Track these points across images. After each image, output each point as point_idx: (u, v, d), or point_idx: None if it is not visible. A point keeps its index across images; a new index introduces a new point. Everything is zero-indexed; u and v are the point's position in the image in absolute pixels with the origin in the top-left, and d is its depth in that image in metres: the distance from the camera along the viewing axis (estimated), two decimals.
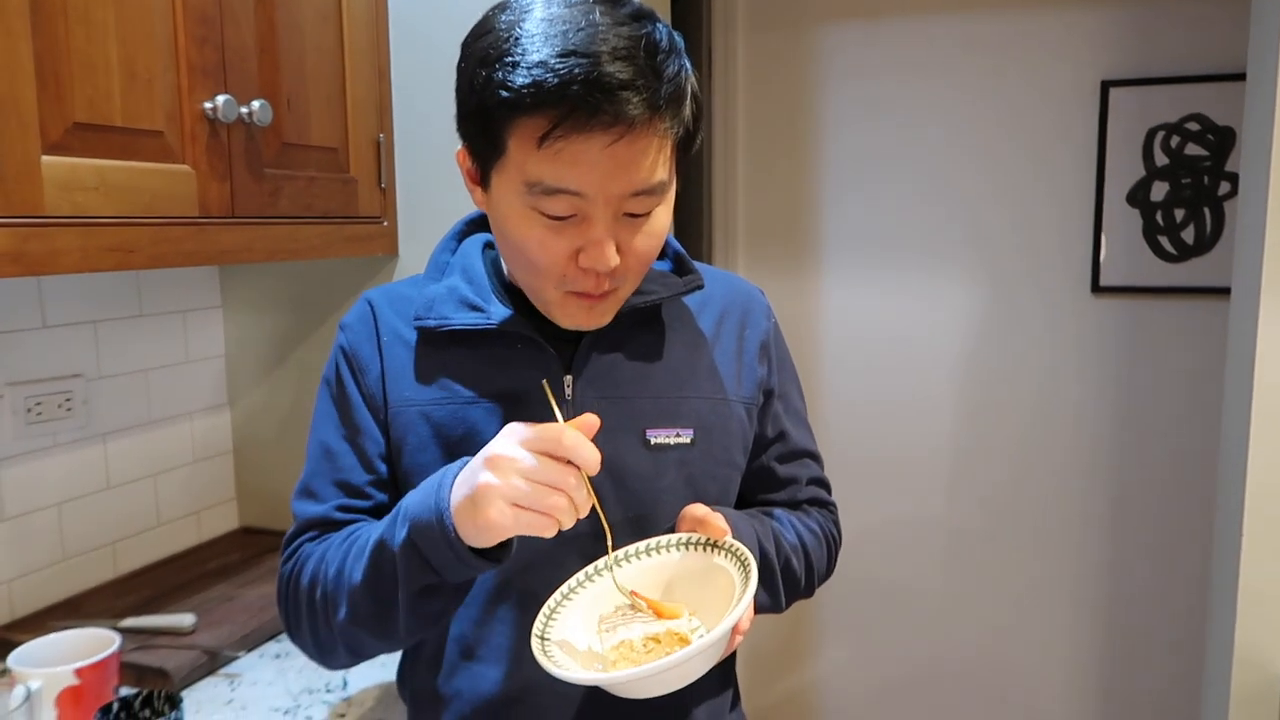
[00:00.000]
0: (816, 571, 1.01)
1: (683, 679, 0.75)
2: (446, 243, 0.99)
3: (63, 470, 1.46)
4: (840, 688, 2.53)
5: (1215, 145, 2.08)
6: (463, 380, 0.91)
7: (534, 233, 0.80)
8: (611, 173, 0.76)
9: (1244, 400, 1.46)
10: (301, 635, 0.91)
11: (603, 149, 0.75)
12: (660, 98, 0.75)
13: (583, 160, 0.75)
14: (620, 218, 0.80)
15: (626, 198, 0.79)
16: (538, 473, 0.72)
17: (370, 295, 0.98)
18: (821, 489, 1.07)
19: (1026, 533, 2.32)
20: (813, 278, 2.42)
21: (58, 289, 1.43)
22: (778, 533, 0.96)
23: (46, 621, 1.34)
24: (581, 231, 0.79)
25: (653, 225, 0.83)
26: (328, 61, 1.40)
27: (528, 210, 0.80)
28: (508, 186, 0.80)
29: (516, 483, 0.72)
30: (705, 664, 0.77)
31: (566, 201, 0.78)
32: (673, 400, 0.93)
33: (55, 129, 0.99)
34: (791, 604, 0.99)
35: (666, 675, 0.73)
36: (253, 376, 1.75)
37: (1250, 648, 1.47)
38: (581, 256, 0.80)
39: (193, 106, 1.15)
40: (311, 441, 0.96)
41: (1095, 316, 2.22)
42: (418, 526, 0.77)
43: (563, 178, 0.76)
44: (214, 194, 1.19)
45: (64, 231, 1.01)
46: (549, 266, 0.81)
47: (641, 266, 0.85)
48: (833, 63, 2.34)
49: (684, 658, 0.72)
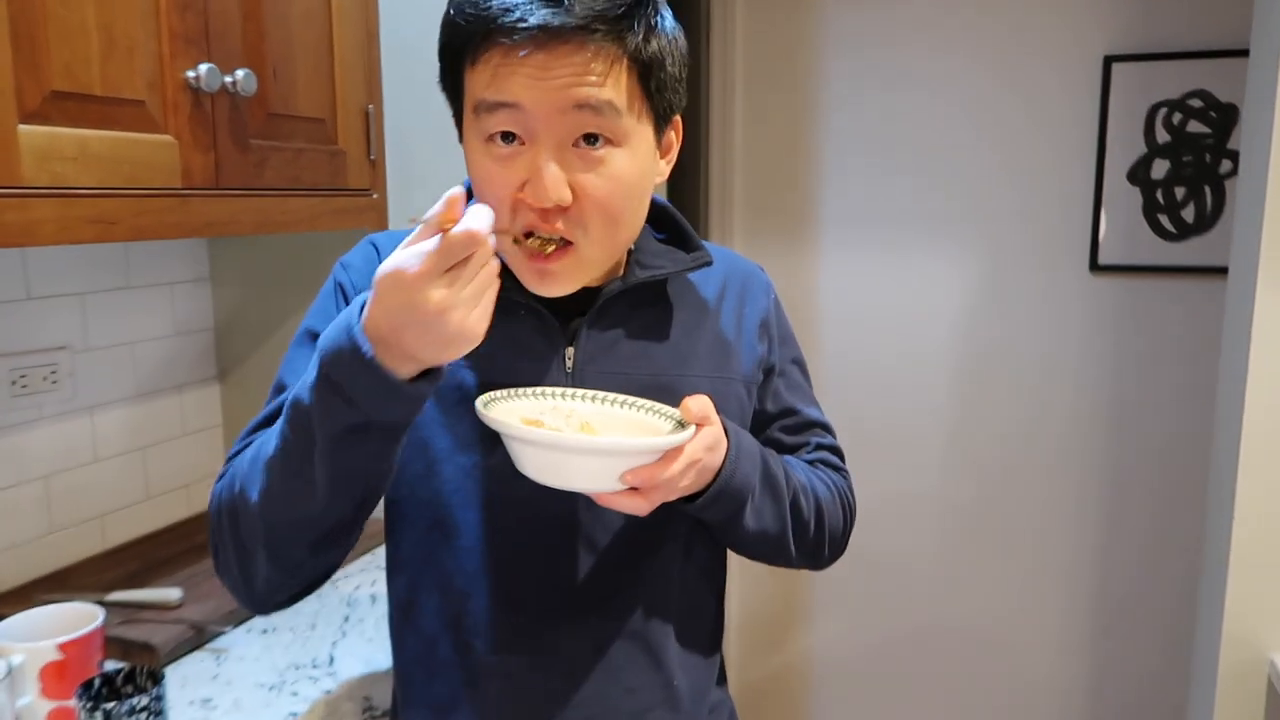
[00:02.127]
0: (828, 524, 0.97)
1: (555, 473, 0.76)
2: None
3: (49, 443, 1.45)
4: (833, 660, 2.54)
5: (1218, 123, 2.05)
6: None
7: (485, 166, 0.80)
8: (544, 83, 0.76)
9: (1238, 379, 1.46)
10: (225, 554, 0.84)
11: (533, 53, 0.75)
12: (593, 9, 0.75)
13: (514, 68, 0.76)
14: (570, 149, 0.79)
15: (568, 111, 0.77)
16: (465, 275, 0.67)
17: (375, 238, 0.96)
18: (834, 455, 1.05)
19: (1021, 508, 2.32)
20: (810, 254, 2.40)
21: (42, 260, 1.42)
22: (788, 466, 0.94)
23: (33, 595, 1.33)
24: (528, 160, 0.78)
25: (610, 168, 0.80)
26: (315, 30, 1.38)
27: (481, 145, 0.80)
28: (468, 128, 0.82)
29: (461, 299, 0.67)
30: (581, 473, 0.76)
31: (507, 115, 0.78)
32: (672, 378, 0.92)
33: (32, 97, 0.96)
34: (803, 555, 0.96)
35: (536, 451, 0.76)
36: (242, 349, 1.74)
37: (1239, 625, 1.48)
38: (526, 189, 0.78)
39: (175, 75, 1.12)
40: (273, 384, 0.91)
41: (1093, 295, 2.20)
42: (329, 357, 0.70)
43: (499, 90, 0.77)
44: (197, 165, 1.17)
45: (42, 202, 0.99)
46: (500, 202, 0.79)
47: (600, 217, 0.80)
48: (832, 37, 2.31)
49: (587, 445, 0.75)
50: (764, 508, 0.89)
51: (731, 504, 0.85)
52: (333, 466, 0.73)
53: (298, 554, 0.81)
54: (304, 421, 0.72)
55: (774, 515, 0.90)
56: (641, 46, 0.79)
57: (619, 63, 0.78)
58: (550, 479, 0.77)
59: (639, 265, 0.91)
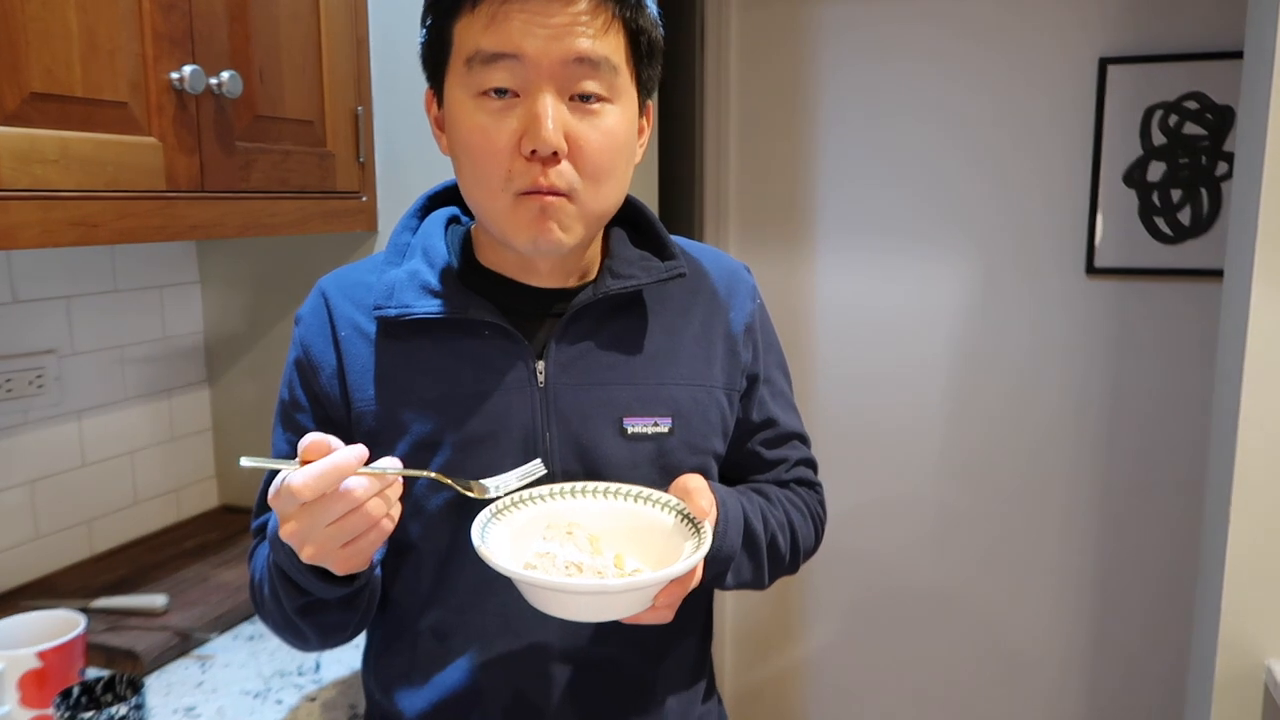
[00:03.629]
0: (802, 549, 1.00)
1: (595, 612, 0.74)
2: (407, 221, 0.94)
3: (35, 448, 1.44)
4: (827, 666, 2.52)
5: (1214, 125, 2.04)
6: (429, 374, 0.86)
7: (478, 122, 0.79)
8: (547, 33, 0.76)
9: (1234, 382, 1.44)
10: (271, 628, 0.92)
11: (539, 7, 0.76)
12: None
13: (516, 17, 0.76)
14: (565, 101, 0.79)
15: (568, 65, 0.78)
16: (320, 516, 0.70)
17: (324, 284, 0.93)
18: (809, 469, 1.05)
19: (1017, 513, 2.31)
20: (805, 258, 2.39)
21: (28, 264, 1.40)
22: (765, 510, 0.94)
23: (18, 601, 1.32)
24: (524, 110, 0.78)
25: (604, 121, 0.80)
26: (303, 31, 1.37)
27: (473, 100, 0.80)
28: (455, 82, 0.81)
29: (314, 535, 0.71)
30: (621, 608, 0.75)
31: (506, 70, 0.77)
32: (650, 387, 0.89)
33: (11, 99, 0.95)
34: (775, 580, 0.97)
35: (580, 599, 0.73)
36: (232, 353, 1.73)
37: (1236, 631, 1.46)
38: (524, 140, 0.78)
39: (159, 77, 1.11)
40: None
41: (1090, 298, 2.19)
42: (276, 547, 0.78)
43: (499, 40, 0.77)
44: (182, 167, 1.16)
45: (22, 205, 0.98)
46: (493, 158, 0.79)
47: (595, 169, 0.80)
48: (827, 40, 2.30)
49: (601, 587, 0.72)
50: (743, 564, 0.90)
51: (715, 570, 0.87)
52: (308, 622, 0.84)
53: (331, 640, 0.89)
54: (274, 593, 0.83)
55: (752, 568, 0.92)
56: (634, 12, 0.81)
57: (614, 22, 0.79)
58: (587, 617, 0.75)
59: (610, 274, 0.89)
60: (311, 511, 0.69)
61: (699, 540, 0.78)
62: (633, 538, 0.82)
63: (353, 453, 0.70)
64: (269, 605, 0.86)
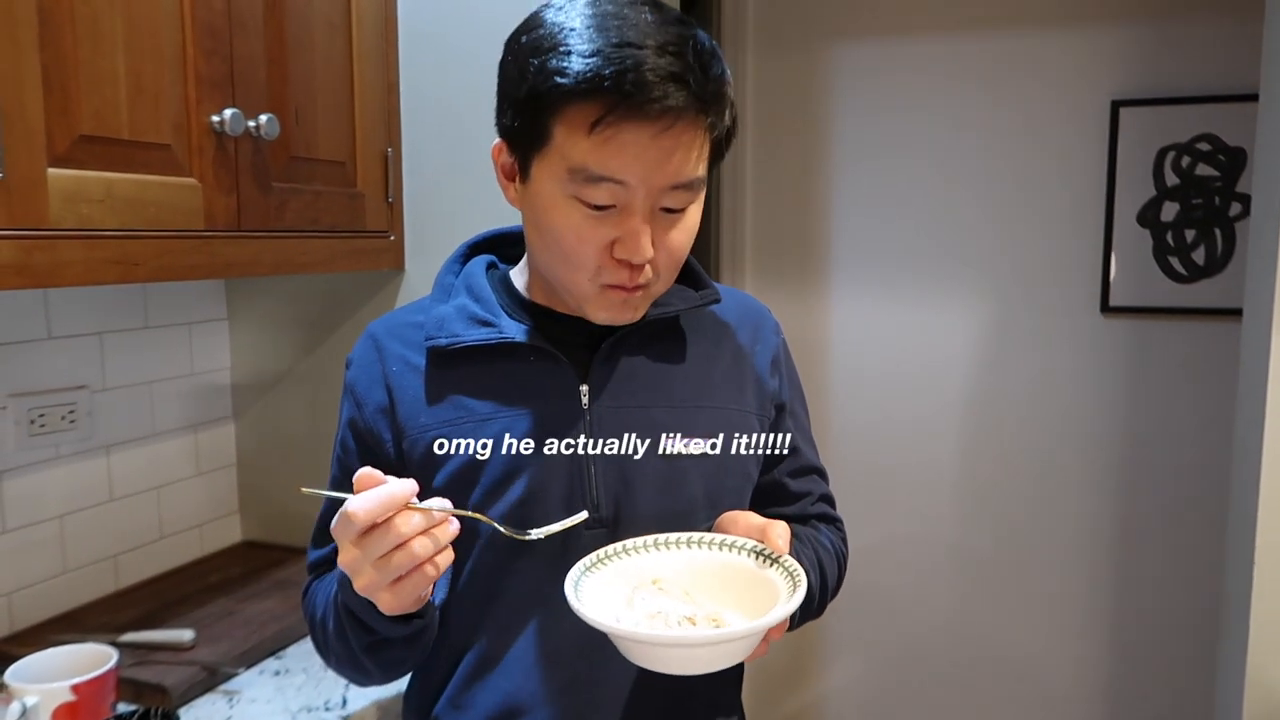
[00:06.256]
0: (829, 588, 1.01)
1: (707, 664, 0.74)
2: (450, 265, 0.99)
3: (65, 482, 1.45)
4: (846, 704, 2.50)
5: (1226, 166, 2.06)
6: (478, 397, 0.90)
7: (572, 221, 0.81)
8: (656, 163, 0.78)
9: (1257, 423, 1.45)
10: (331, 666, 0.95)
11: (651, 138, 0.77)
12: (706, 93, 0.78)
13: (630, 148, 0.77)
14: (657, 212, 0.81)
15: (666, 190, 0.80)
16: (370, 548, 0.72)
17: (373, 328, 0.98)
18: (830, 505, 1.07)
19: (1035, 552, 2.30)
20: (821, 296, 2.41)
21: (63, 300, 1.43)
22: (809, 560, 0.95)
23: (46, 635, 1.33)
24: (619, 222, 0.80)
25: (686, 221, 0.84)
26: (337, 74, 1.40)
27: (568, 199, 0.81)
28: (549, 175, 0.81)
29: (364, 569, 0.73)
30: (729, 656, 0.75)
31: (609, 190, 0.79)
32: (690, 410, 0.93)
33: (62, 141, 0.98)
34: (804, 624, 0.98)
35: (694, 651, 0.73)
36: (258, 390, 1.75)
37: (1262, 670, 1.45)
38: (617, 247, 0.81)
39: (200, 119, 1.15)
40: None
41: (1105, 337, 2.20)
42: (344, 587, 0.80)
43: (608, 165, 0.78)
44: (220, 207, 1.19)
45: (68, 244, 1.00)
46: (585, 257, 0.82)
47: (673, 263, 0.86)
48: (842, 84, 2.34)
49: (717, 637, 0.73)
50: None
51: None
52: (373, 660, 0.86)
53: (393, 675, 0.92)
54: (340, 630, 0.85)
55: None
56: (727, 121, 0.83)
57: (708, 140, 0.81)
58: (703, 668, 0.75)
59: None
60: (364, 543, 0.71)
61: (787, 574, 0.79)
62: (717, 584, 0.84)
63: (404, 486, 0.72)
64: (333, 642, 0.89)
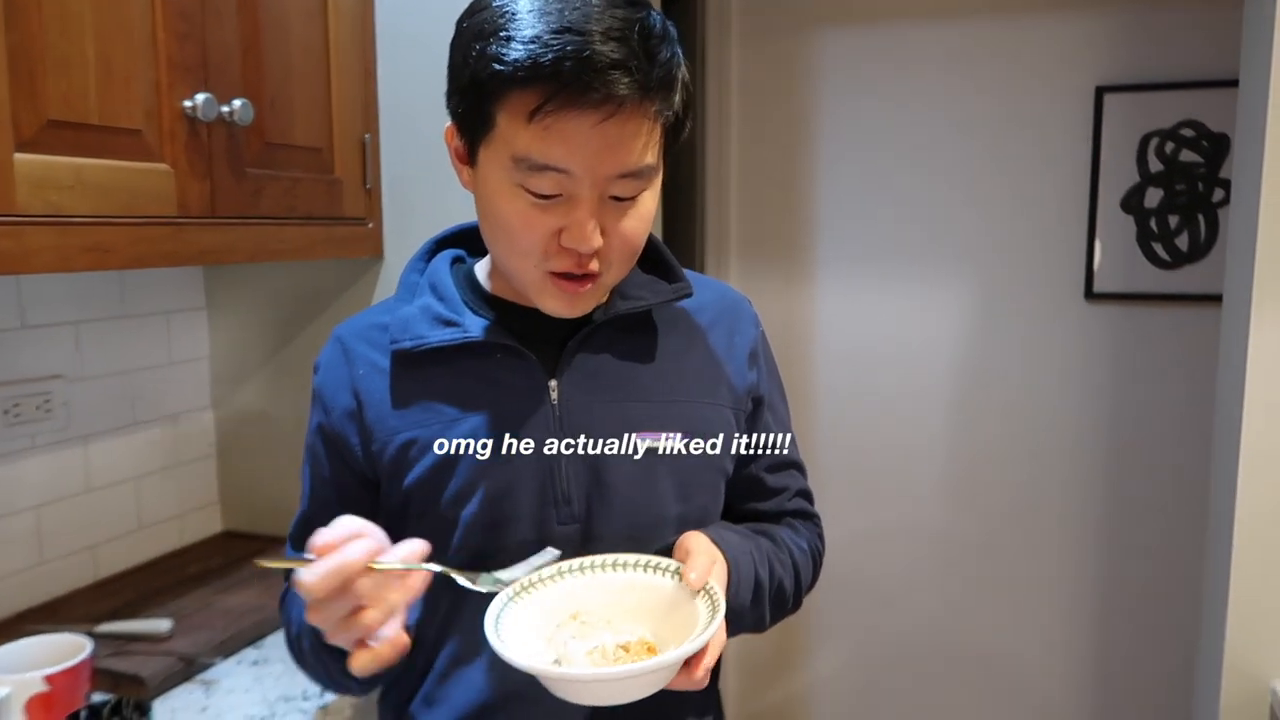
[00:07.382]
0: (803, 585, 1.01)
1: (624, 694, 0.74)
2: (414, 263, 0.98)
3: (41, 472, 1.44)
4: (832, 693, 2.51)
5: (1210, 152, 2.07)
6: (446, 398, 0.89)
7: (518, 208, 0.79)
8: (599, 152, 0.76)
9: (1235, 408, 1.45)
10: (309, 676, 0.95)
11: (592, 127, 0.75)
12: (651, 80, 0.75)
13: (571, 137, 0.75)
14: (606, 200, 0.80)
15: (613, 179, 0.78)
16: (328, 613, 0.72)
17: (338, 331, 0.96)
18: (806, 501, 1.06)
19: (1019, 539, 2.31)
20: (806, 285, 2.40)
21: (38, 289, 1.41)
22: (773, 557, 0.95)
23: (23, 625, 1.32)
24: (566, 211, 0.79)
25: (639, 209, 0.82)
26: (313, 60, 1.39)
27: (513, 186, 0.79)
28: (495, 162, 0.80)
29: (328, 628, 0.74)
30: (645, 687, 0.74)
31: (553, 179, 0.77)
32: (662, 404, 0.91)
33: (28, 126, 0.97)
34: (777, 622, 0.98)
35: (610, 685, 0.73)
36: (237, 379, 1.74)
37: (1240, 656, 1.46)
38: (564, 236, 0.79)
39: (172, 104, 1.13)
40: None
41: (1089, 323, 2.21)
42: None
43: (550, 154, 0.76)
44: (193, 193, 1.17)
45: (38, 230, 0.99)
46: (531, 244, 0.80)
47: (627, 251, 0.83)
48: (825, 72, 2.33)
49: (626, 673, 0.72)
50: (745, 617, 0.90)
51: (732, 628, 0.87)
52: (351, 680, 0.84)
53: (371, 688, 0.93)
54: (315, 652, 0.86)
55: (754, 619, 0.93)
56: (677, 107, 0.80)
57: (657, 125, 0.79)
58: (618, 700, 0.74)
59: (620, 296, 0.91)
60: (322, 608, 0.72)
61: (712, 606, 0.78)
62: (642, 610, 0.82)
63: (361, 549, 0.71)
64: (309, 660, 0.90)
